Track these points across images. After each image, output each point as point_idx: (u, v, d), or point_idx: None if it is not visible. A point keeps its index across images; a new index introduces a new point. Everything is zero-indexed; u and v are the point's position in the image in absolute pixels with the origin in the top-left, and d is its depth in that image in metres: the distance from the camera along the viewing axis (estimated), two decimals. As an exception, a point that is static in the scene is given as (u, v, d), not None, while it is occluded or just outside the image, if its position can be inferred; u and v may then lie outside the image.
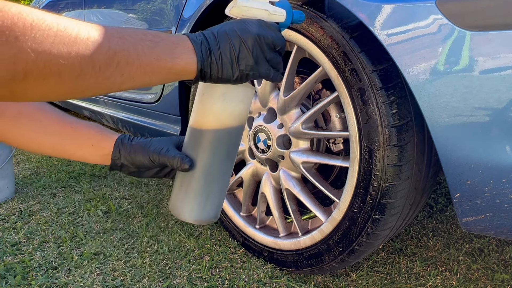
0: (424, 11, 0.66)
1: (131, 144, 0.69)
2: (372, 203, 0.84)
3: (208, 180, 0.66)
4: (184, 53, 0.52)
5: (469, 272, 1.12)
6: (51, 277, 1.05)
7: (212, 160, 0.65)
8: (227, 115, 0.62)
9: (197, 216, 0.67)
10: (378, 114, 0.79)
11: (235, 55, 0.53)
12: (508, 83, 0.60)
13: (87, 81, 0.44)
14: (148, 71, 0.49)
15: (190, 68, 0.52)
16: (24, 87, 0.40)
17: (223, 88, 0.59)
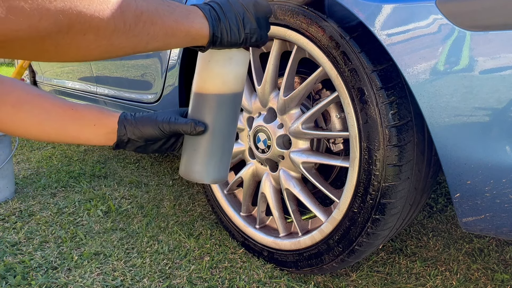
0: (424, 11, 0.66)
1: (136, 118, 0.71)
2: (372, 203, 0.84)
3: (221, 141, 0.72)
4: (198, 19, 0.58)
5: (469, 272, 1.12)
6: (51, 277, 1.05)
7: (223, 122, 0.71)
8: (233, 78, 0.69)
9: (214, 175, 0.73)
10: (378, 114, 0.79)
11: (240, 20, 0.61)
12: (508, 83, 0.60)
13: (119, 38, 0.50)
14: (169, 32, 0.55)
15: (204, 32, 0.59)
16: (66, 41, 0.45)
17: (229, 52, 0.66)
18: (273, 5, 0.96)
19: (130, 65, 1.69)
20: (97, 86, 2.10)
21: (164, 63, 1.40)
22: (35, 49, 0.44)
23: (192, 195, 1.67)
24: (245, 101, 1.13)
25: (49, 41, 0.44)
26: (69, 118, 0.69)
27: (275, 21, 0.97)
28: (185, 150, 0.74)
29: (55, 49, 0.45)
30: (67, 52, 0.47)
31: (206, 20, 0.59)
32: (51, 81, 2.87)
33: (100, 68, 2.01)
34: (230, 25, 0.61)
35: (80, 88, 2.33)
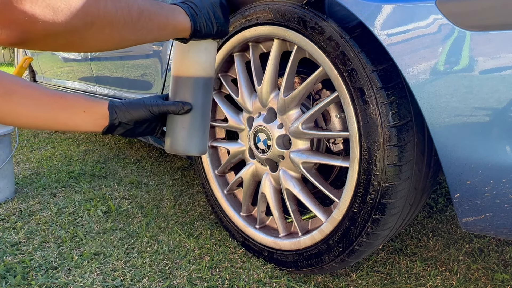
0: (424, 11, 0.66)
1: (125, 104, 0.81)
2: (372, 203, 0.84)
3: (204, 117, 0.86)
4: (181, 15, 0.72)
5: (469, 272, 1.12)
6: (51, 277, 1.05)
7: (203, 101, 0.85)
8: (209, 64, 0.84)
9: (200, 147, 0.87)
10: (378, 114, 0.79)
11: (212, 16, 0.77)
12: (508, 83, 0.60)
13: (127, 31, 0.64)
14: (161, 27, 0.69)
15: (187, 26, 0.73)
16: (89, 34, 0.58)
17: (204, 43, 0.82)
18: (273, 5, 0.96)
19: (130, 65, 1.69)
20: (97, 86, 2.10)
21: (164, 63, 1.40)
22: (65, 42, 0.57)
23: (192, 195, 1.67)
24: (245, 101, 1.13)
25: (77, 35, 0.57)
26: (59, 106, 0.74)
27: (275, 21, 0.97)
28: (172, 129, 0.86)
29: (80, 41, 0.59)
30: (88, 44, 0.61)
31: (187, 16, 0.73)
32: (51, 81, 2.87)
33: (100, 68, 2.01)
34: (205, 20, 0.76)
35: (80, 88, 2.33)
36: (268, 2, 0.99)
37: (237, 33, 1.09)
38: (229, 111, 1.22)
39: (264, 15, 0.99)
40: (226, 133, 1.35)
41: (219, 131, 1.34)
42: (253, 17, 1.03)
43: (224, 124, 1.26)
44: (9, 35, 0.52)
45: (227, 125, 1.23)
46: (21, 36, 0.53)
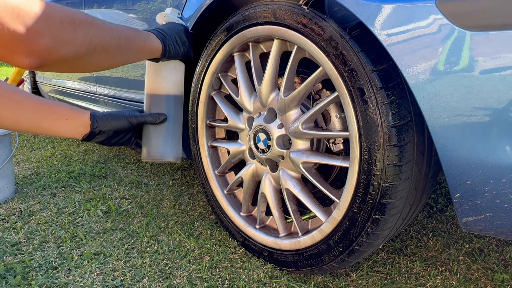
0: (424, 11, 0.66)
1: (106, 114, 0.91)
2: (372, 203, 0.84)
3: (176, 126, 0.99)
4: (154, 39, 0.88)
5: (469, 272, 1.12)
6: (51, 277, 1.05)
7: (175, 112, 0.99)
8: (179, 81, 1.00)
9: (175, 154, 0.99)
10: (378, 114, 0.79)
11: (179, 39, 0.93)
12: (508, 83, 0.60)
13: (118, 55, 0.79)
14: (141, 49, 0.84)
15: (159, 48, 0.89)
16: (91, 59, 0.73)
17: (173, 63, 0.97)
18: (273, 5, 0.96)
19: (130, 65, 1.69)
20: (97, 86, 2.10)
21: (164, 63, 1.40)
22: (71, 65, 0.72)
23: (192, 195, 1.67)
24: (245, 101, 1.13)
25: (81, 60, 0.71)
26: (43, 112, 0.81)
27: (275, 21, 0.97)
28: (148, 138, 0.97)
29: (82, 65, 0.73)
30: (89, 67, 0.76)
31: (159, 39, 0.89)
32: (51, 81, 2.87)
33: (100, 68, 2.01)
34: (173, 42, 0.92)
35: (80, 88, 2.33)
36: (268, 2, 0.99)
37: (237, 33, 1.09)
38: (229, 111, 1.22)
39: (264, 15, 0.99)
40: (226, 133, 1.35)
41: (219, 131, 1.34)
42: (253, 17, 1.03)
43: (224, 124, 1.25)
44: (32, 61, 0.65)
45: (227, 125, 1.23)
46: (41, 62, 0.66)
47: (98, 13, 1.90)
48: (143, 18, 1.50)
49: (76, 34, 0.68)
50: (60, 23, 0.66)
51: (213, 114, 1.31)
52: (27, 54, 0.64)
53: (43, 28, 0.64)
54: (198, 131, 1.32)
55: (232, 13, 1.11)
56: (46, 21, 0.64)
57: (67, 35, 0.67)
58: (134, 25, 1.57)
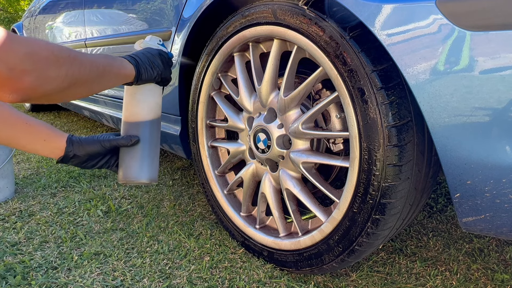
0: (424, 11, 0.66)
1: (81, 139, 0.94)
2: (372, 203, 0.84)
3: (152, 148, 0.99)
4: (128, 65, 0.90)
5: (469, 272, 1.12)
6: (51, 277, 1.05)
7: (150, 134, 0.99)
8: (155, 104, 1.00)
9: (150, 175, 0.98)
10: (378, 114, 0.79)
11: (152, 63, 0.95)
12: (508, 83, 0.60)
13: (95, 85, 0.82)
14: (115, 76, 0.86)
15: (132, 74, 0.91)
16: (70, 92, 0.75)
17: (149, 86, 0.98)
18: (273, 5, 0.96)
19: (130, 65, 1.69)
20: (97, 86, 2.09)
21: (164, 63, 1.40)
22: (51, 98, 0.74)
23: (192, 195, 1.67)
24: (245, 101, 1.13)
25: (62, 94, 0.73)
26: (23, 130, 0.85)
27: (275, 21, 0.97)
28: (123, 160, 0.97)
29: (63, 97, 0.75)
30: (68, 98, 0.78)
31: (132, 65, 0.91)
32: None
33: (100, 68, 2.01)
34: (146, 67, 0.93)
35: (80, 88, 2.33)
36: (268, 2, 0.99)
37: (237, 33, 1.09)
38: (229, 111, 1.22)
39: (264, 15, 0.99)
40: (226, 133, 1.35)
41: (219, 131, 1.34)
42: (253, 17, 1.03)
43: (224, 124, 1.25)
44: (15, 98, 0.67)
45: (227, 125, 1.23)
46: (24, 98, 0.68)
47: (98, 13, 1.90)
48: (143, 18, 1.50)
49: (60, 71, 0.70)
50: (46, 61, 0.67)
51: (213, 114, 1.31)
52: (11, 91, 0.66)
53: (30, 67, 0.65)
54: (198, 131, 1.32)
55: (232, 13, 1.11)
56: (32, 60, 0.65)
57: (52, 72, 0.68)
58: (134, 25, 1.57)
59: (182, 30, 1.25)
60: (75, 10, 2.16)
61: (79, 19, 2.10)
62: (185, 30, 1.24)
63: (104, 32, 1.85)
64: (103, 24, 1.86)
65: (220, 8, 1.15)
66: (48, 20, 2.69)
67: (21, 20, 3.54)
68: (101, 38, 1.89)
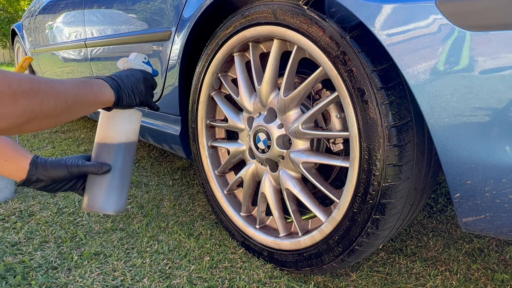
0: (424, 11, 0.66)
1: (47, 162, 0.86)
2: (372, 203, 0.84)
3: (122, 178, 0.92)
4: (107, 90, 0.82)
5: (469, 272, 1.12)
6: (51, 277, 1.05)
7: (123, 163, 0.92)
8: (132, 131, 0.93)
9: (117, 206, 0.91)
10: (378, 114, 0.79)
11: (135, 88, 0.88)
12: (508, 83, 0.60)
13: (62, 117, 0.73)
14: (90, 104, 0.79)
15: (111, 99, 0.83)
16: (29, 126, 0.67)
17: (128, 111, 0.91)
18: (273, 5, 0.96)
19: (130, 65, 1.69)
20: (97, 86, 2.09)
21: (164, 63, 1.40)
22: (5, 133, 0.65)
23: (192, 195, 1.67)
24: (245, 101, 1.13)
25: (16, 128, 0.65)
26: None
27: (275, 21, 0.97)
28: (90, 188, 0.90)
29: (18, 131, 0.67)
30: (27, 131, 0.70)
31: (112, 90, 0.83)
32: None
33: (100, 68, 2.02)
34: (128, 92, 0.86)
35: (80, 88, 2.33)
36: (268, 2, 0.99)
37: (237, 33, 1.09)
38: (229, 111, 1.22)
39: (264, 15, 0.99)
40: (226, 133, 1.35)
41: (219, 131, 1.34)
42: (253, 17, 1.03)
43: (224, 124, 1.25)
44: None
45: (227, 125, 1.23)
46: None
47: (98, 13, 1.90)
48: (143, 18, 1.50)
49: (16, 107, 0.63)
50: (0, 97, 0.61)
51: (213, 114, 1.31)
52: None
53: None
54: (198, 131, 1.32)
55: (232, 13, 1.11)
56: None
57: (7, 109, 0.61)
58: (134, 25, 1.57)
59: (182, 30, 1.25)
60: (75, 10, 2.16)
61: (79, 19, 2.10)
62: (185, 30, 1.24)
63: (104, 32, 1.85)
64: (103, 24, 1.86)
65: (220, 8, 1.15)
66: (48, 20, 2.69)
67: (21, 20, 3.54)
68: (101, 38, 1.89)
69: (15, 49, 3.89)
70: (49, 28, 2.69)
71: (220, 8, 1.14)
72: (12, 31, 3.78)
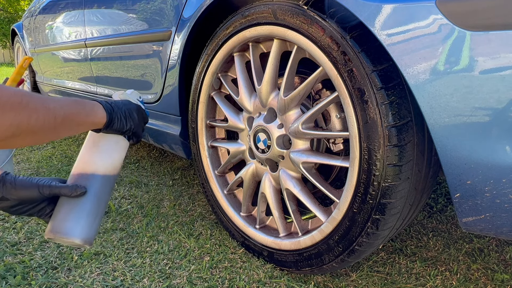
0: (424, 11, 0.66)
1: (16, 180, 0.79)
2: (372, 203, 0.84)
3: (98, 205, 0.83)
4: (99, 111, 0.81)
5: (469, 272, 1.12)
6: (51, 277, 1.05)
7: (103, 190, 0.85)
8: (117, 158, 0.89)
9: (86, 236, 0.80)
10: (378, 114, 0.79)
11: (128, 115, 0.87)
12: (508, 83, 0.60)
13: (49, 135, 0.70)
14: (81, 123, 0.77)
15: (102, 120, 0.82)
16: (14, 141, 0.65)
17: (116, 137, 0.89)
18: (273, 5, 0.96)
19: (130, 65, 1.69)
20: (97, 86, 2.10)
21: (164, 63, 1.40)
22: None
23: (192, 195, 1.67)
24: (245, 101, 1.13)
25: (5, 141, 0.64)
26: None
27: (275, 21, 0.97)
28: (58, 211, 0.81)
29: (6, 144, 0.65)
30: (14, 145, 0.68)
31: (105, 111, 0.82)
32: (51, 81, 2.87)
33: (100, 68, 2.02)
34: (120, 115, 0.85)
35: (80, 88, 2.33)
36: (268, 2, 0.99)
37: (237, 33, 1.09)
38: (229, 111, 1.22)
39: (264, 15, 0.99)
40: (226, 133, 1.35)
41: (219, 131, 1.34)
42: (253, 17, 1.03)
43: (224, 124, 1.25)
44: None
45: (227, 125, 1.23)
46: None
47: (98, 13, 1.90)
48: (143, 18, 1.50)
49: (3, 119, 0.61)
50: None
51: (213, 114, 1.31)
52: None
53: None
54: (198, 131, 1.32)
55: (232, 13, 1.11)
56: None
57: None
58: (134, 25, 1.57)
59: (182, 30, 1.25)
60: (75, 10, 2.16)
61: (79, 19, 2.10)
62: (185, 30, 1.24)
63: (104, 32, 1.85)
64: (103, 24, 1.86)
65: (220, 8, 1.15)
66: (48, 20, 2.69)
67: (21, 20, 3.54)
68: (101, 38, 1.89)
69: (15, 49, 3.89)
70: (49, 28, 2.69)
71: (220, 8, 1.14)
72: (12, 31, 3.78)
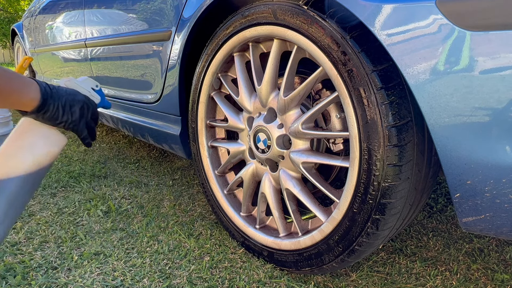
0: (424, 11, 0.66)
1: None
2: (372, 203, 0.84)
3: (13, 205, 0.72)
4: (34, 91, 0.72)
5: (469, 272, 1.12)
6: (51, 277, 1.05)
7: (21, 187, 0.73)
8: (46, 154, 0.76)
9: None
10: (378, 114, 0.79)
11: (69, 106, 0.76)
12: (508, 83, 0.60)
13: None
14: (6, 95, 0.68)
15: (34, 102, 0.72)
16: None
17: (49, 131, 0.76)
18: (273, 5, 0.96)
19: (130, 65, 1.69)
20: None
21: (164, 63, 1.40)
22: None
23: (192, 195, 1.67)
24: (245, 101, 1.13)
25: None
26: None
27: (275, 21, 0.97)
28: None
29: None
30: None
31: (39, 93, 0.73)
32: (51, 81, 2.87)
33: (100, 68, 2.02)
34: (58, 105, 0.75)
35: (80, 88, 2.33)
36: (268, 2, 0.99)
37: (237, 33, 1.09)
38: (229, 111, 1.22)
39: (264, 15, 0.99)
40: (226, 133, 1.35)
41: (219, 131, 1.34)
42: (253, 17, 1.03)
43: (224, 124, 1.25)
44: None
45: (227, 125, 1.23)
46: None
47: (98, 13, 1.90)
48: (143, 18, 1.50)
49: None
50: None
51: (213, 114, 1.31)
52: None
53: None
54: (198, 131, 1.32)
55: (232, 13, 1.11)
56: None
57: None
58: (134, 25, 1.57)
59: (182, 30, 1.25)
60: (75, 10, 2.16)
61: (79, 19, 2.10)
62: (185, 30, 1.24)
63: (104, 32, 1.85)
64: (103, 24, 1.86)
65: (220, 8, 1.15)
66: (48, 20, 2.69)
67: (21, 20, 3.54)
68: (101, 38, 1.89)
69: (15, 49, 3.89)
70: (49, 28, 2.69)
71: (220, 8, 1.14)
72: (12, 31, 3.78)
